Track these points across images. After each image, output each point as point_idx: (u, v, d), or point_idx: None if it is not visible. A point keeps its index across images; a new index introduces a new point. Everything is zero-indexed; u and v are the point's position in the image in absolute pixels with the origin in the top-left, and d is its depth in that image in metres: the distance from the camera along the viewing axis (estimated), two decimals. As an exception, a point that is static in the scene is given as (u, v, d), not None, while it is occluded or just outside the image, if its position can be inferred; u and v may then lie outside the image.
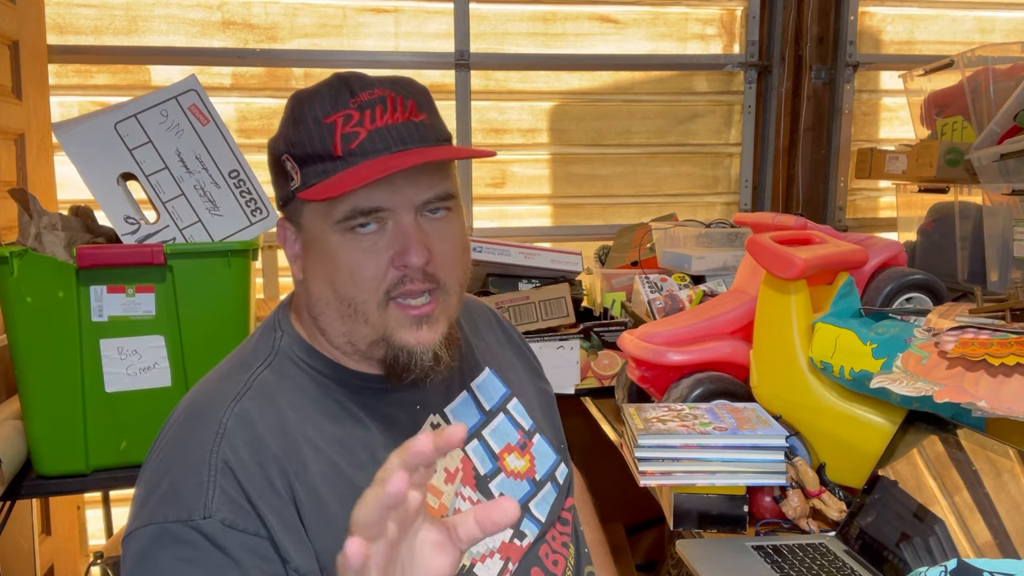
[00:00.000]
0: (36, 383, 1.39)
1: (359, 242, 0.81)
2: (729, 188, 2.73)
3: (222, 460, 0.76)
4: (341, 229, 0.81)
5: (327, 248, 0.82)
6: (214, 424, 0.79)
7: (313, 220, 0.83)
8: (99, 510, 2.19)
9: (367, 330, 0.83)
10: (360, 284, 0.81)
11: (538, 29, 2.51)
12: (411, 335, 0.83)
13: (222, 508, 0.74)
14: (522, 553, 0.92)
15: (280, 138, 0.85)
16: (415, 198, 0.81)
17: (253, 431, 0.79)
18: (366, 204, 0.80)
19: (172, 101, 1.49)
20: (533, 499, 0.97)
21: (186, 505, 0.74)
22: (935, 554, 0.95)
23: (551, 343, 1.80)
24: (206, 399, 0.84)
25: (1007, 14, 2.77)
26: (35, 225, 1.41)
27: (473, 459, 0.94)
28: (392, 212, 0.81)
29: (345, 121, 0.80)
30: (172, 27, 2.30)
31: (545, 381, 1.13)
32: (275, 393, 0.84)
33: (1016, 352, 0.95)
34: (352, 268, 0.81)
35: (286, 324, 0.90)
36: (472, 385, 0.99)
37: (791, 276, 1.26)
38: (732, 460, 1.14)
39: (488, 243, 1.83)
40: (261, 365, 0.86)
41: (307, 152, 0.81)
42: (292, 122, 0.83)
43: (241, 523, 0.74)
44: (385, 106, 0.81)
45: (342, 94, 0.81)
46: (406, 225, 0.81)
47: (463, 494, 0.91)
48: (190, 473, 0.76)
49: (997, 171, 1.68)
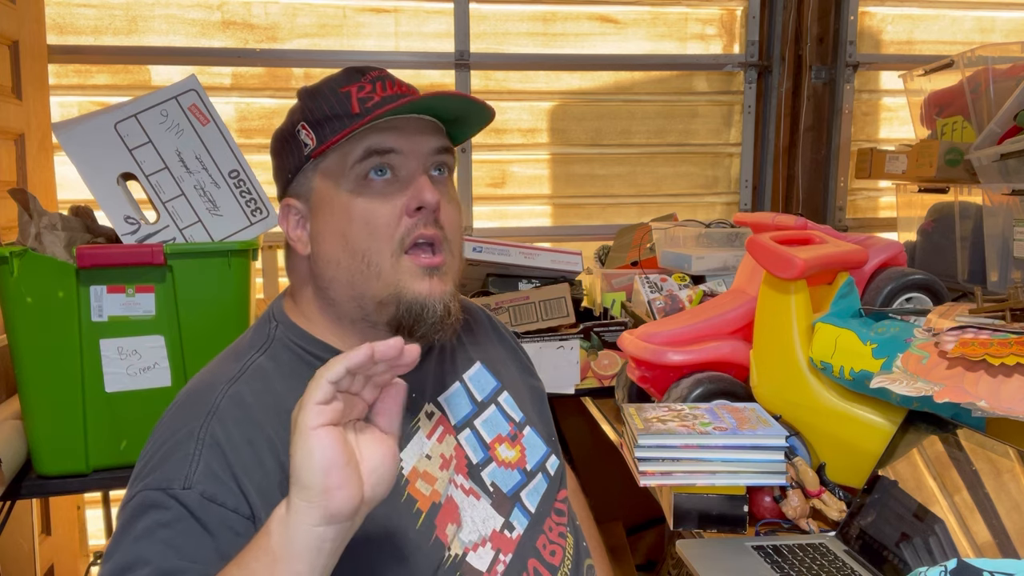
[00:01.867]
0: (36, 383, 1.39)
1: (372, 189, 0.85)
2: (729, 188, 2.73)
3: (210, 436, 0.77)
4: (355, 177, 0.85)
5: (340, 202, 0.86)
6: (207, 403, 0.80)
7: (325, 180, 0.87)
8: (99, 510, 2.20)
9: (378, 286, 0.85)
10: (375, 232, 0.85)
11: (538, 29, 2.51)
12: (423, 285, 0.86)
13: (203, 480, 0.75)
14: (514, 544, 0.92)
15: (292, 113, 0.91)
16: (425, 146, 0.87)
17: (246, 411, 0.80)
18: (381, 144, 0.84)
19: (172, 101, 1.49)
20: (524, 489, 0.98)
21: (168, 475, 0.75)
22: (935, 554, 0.95)
23: (551, 343, 1.80)
24: (201, 383, 0.85)
25: (1007, 14, 2.77)
26: (35, 225, 1.41)
27: (465, 448, 0.95)
28: (405, 159, 0.86)
29: (359, 89, 0.87)
30: (172, 27, 2.30)
31: (537, 379, 1.15)
32: (270, 376, 0.85)
33: (1016, 352, 0.95)
34: (367, 217, 0.84)
35: (280, 314, 0.92)
36: (464, 377, 1.01)
37: (791, 276, 1.26)
38: (732, 460, 1.14)
39: (488, 243, 1.82)
40: (257, 352, 0.87)
41: (325, 115, 0.87)
42: (308, 97, 0.89)
43: (221, 497, 0.74)
44: (393, 81, 0.90)
45: (352, 76, 0.89)
46: (417, 171, 0.86)
47: (456, 481, 0.91)
48: (178, 447, 0.77)
49: (997, 171, 1.68)
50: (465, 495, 0.92)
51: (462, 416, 0.97)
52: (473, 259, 1.81)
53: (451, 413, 0.96)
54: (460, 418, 0.97)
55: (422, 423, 0.92)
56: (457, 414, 0.97)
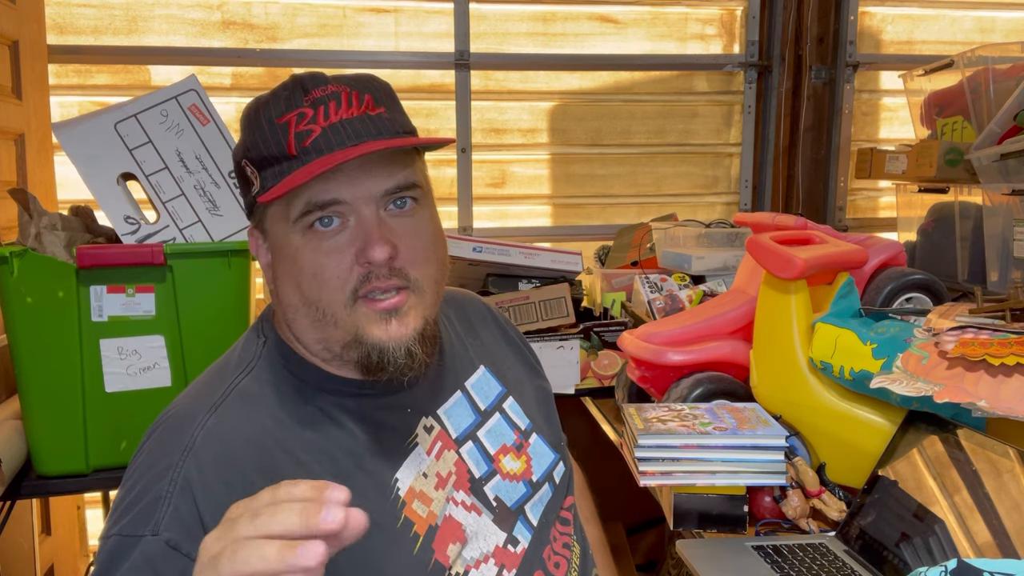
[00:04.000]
0: (36, 383, 1.39)
1: (320, 241, 0.79)
2: (729, 188, 2.73)
3: (183, 477, 0.75)
4: (301, 228, 0.79)
5: (290, 251, 0.81)
6: (185, 437, 0.78)
7: (276, 224, 0.82)
8: (99, 510, 2.20)
9: (338, 333, 0.82)
10: (325, 286, 0.80)
11: (538, 29, 2.51)
12: (380, 330, 0.80)
13: (171, 527, 0.73)
14: (519, 560, 0.90)
15: (239, 145, 0.84)
16: (373, 189, 0.79)
17: (224, 447, 0.78)
18: (321, 197, 0.78)
19: (172, 101, 1.49)
20: (529, 501, 0.95)
21: (140, 520, 0.73)
22: (935, 554, 0.95)
23: (551, 343, 1.80)
24: (184, 408, 0.83)
25: (1007, 14, 2.77)
26: (35, 225, 1.41)
27: (468, 462, 0.92)
28: (351, 206, 0.79)
29: (299, 120, 0.79)
30: (172, 27, 2.30)
31: (544, 379, 1.12)
32: (254, 402, 0.82)
33: (1016, 352, 0.95)
34: (315, 270, 0.80)
35: (269, 330, 0.89)
36: (467, 384, 0.97)
37: (791, 276, 1.26)
38: (732, 460, 1.14)
39: (488, 243, 1.82)
40: (242, 373, 0.85)
41: (263, 155, 0.80)
42: (248, 127, 0.82)
43: (186, 546, 0.72)
44: (339, 101, 0.80)
45: (296, 93, 0.80)
46: (367, 219, 0.79)
47: (455, 499, 0.88)
48: (153, 487, 0.75)
49: (997, 171, 1.68)
50: (467, 512, 0.88)
51: (464, 429, 0.94)
52: (473, 259, 1.81)
53: (451, 426, 0.93)
54: (462, 431, 0.93)
55: (420, 438, 0.89)
56: (458, 427, 0.93)
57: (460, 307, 1.06)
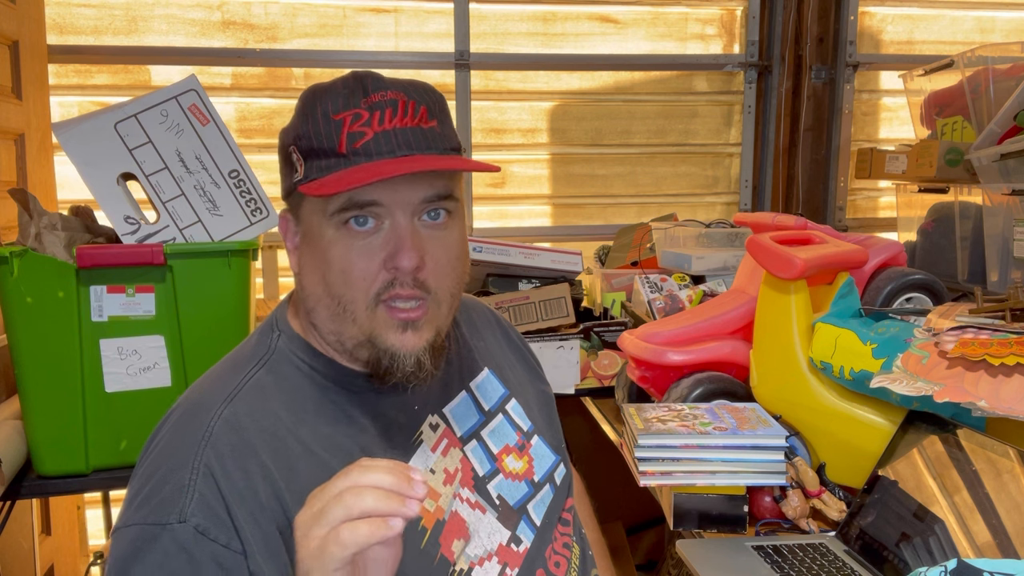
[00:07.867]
0: (36, 383, 1.39)
1: (353, 239, 0.81)
2: (729, 188, 2.73)
3: (205, 465, 0.76)
4: (336, 223, 0.81)
5: (322, 243, 0.82)
6: (202, 427, 0.79)
7: (311, 214, 0.84)
8: (99, 510, 2.19)
9: (354, 330, 0.83)
10: (351, 284, 0.81)
11: (538, 29, 2.51)
12: (396, 338, 0.82)
13: (197, 514, 0.74)
14: (521, 558, 0.91)
15: (290, 129, 0.86)
16: (412, 196, 0.81)
17: (240, 436, 0.79)
18: (361, 197, 0.79)
19: (172, 101, 1.49)
20: (531, 501, 0.96)
21: (165, 508, 0.74)
22: (935, 554, 0.95)
23: (551, 343, 1.80)
24: (199, 399, 0.84)
25: (1007, 14, 2.77)
26: (35, 225, 1.41)
27: (472, 460, 0.94)
28: (388, 210, 0.81)
29: (354, 119, 0.80)
30: (172, 27, 2.30)
31: (545, 383, 1.13)
32: (269, 394, 0.83)
33: (1016, 352, 0.95)
34: (344, 266, 0.81)
35: (283, 324, 0.90)
36: (471, 385, 0.99)
37: (791, 276, 1.26)
38: (732, 460, 1.14)
39: (488, 243, 1.82)
40: (256, 365, 0.86)
41: (312, 146, 0.82)
42: (303, 114, 0.84)
43: (214, 531, 0.73)
44: (395, 109, 0.81)
45: (355, 92, 0.81)
46: (401, 226, 0.81)
47: (461, 495, 0.90)
48: (174, 475, 0.76)
49: (997, 171, 1.68)
50: (471, 509, 0.90)
51: (469, 427, 0.95)
52: (473, 259, 1.81)
53: (457, 425, 0.94)
54: (466, 429, 0.95)
55: (425, 435, 0.90)
56: (463, 425, 0.95)
57: (466, 310, 1.07)
